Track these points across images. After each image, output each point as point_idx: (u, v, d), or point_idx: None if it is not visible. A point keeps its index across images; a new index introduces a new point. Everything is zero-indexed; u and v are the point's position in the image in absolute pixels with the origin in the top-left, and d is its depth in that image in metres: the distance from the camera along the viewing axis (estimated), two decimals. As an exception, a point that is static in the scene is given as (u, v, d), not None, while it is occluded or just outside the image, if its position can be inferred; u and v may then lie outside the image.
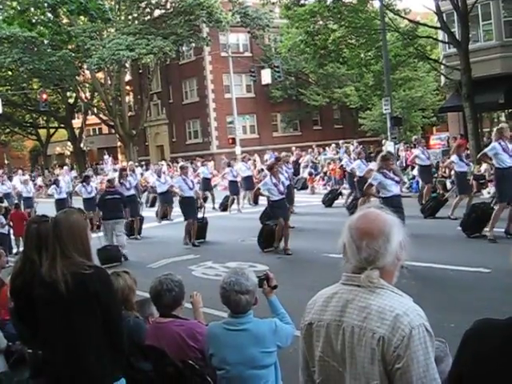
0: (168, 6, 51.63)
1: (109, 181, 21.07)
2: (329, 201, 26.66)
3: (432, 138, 43.66)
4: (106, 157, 51.58)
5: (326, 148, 41.55)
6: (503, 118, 37.69)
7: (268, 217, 17.61)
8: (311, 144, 44.85)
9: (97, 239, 15.42)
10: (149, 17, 52.70)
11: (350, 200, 24.23)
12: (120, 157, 65.89)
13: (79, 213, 4.55)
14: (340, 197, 27.05)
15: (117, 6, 51.50)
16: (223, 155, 45.72)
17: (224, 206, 28.09)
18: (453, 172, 21.41)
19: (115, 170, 38.84)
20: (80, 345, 4.18)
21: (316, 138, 53.10)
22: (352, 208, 21.84)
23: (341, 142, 41.05)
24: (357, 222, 2.94)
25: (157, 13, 52.75)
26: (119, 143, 63.59)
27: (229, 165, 30.16)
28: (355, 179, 22.99)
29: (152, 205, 29.89)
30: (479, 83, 30.00)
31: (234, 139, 48.87)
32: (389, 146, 29.83)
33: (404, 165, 30.99)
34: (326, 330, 2.93)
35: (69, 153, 72.31)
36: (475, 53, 31.07)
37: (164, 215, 25.98)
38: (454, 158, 19.63)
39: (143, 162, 51.36)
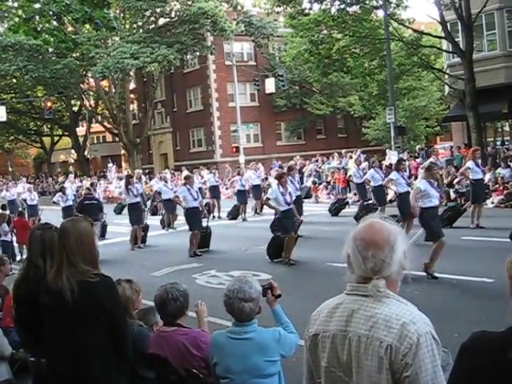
0: (173, 14, 51.74)
1: (87, 188, 23.69)
2: (335, 210, 26.47)
3: (436, 148, 43.66)
4: (109, 165, 51.74)
5: (330, 157, 41.51)
6: (507, 128, 37.71)
7: (278, 227, 17.32)
8: (315, 153, 44.84)
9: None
10: (153, 25, 52.81)
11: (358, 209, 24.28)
12: (124, 165, 66.01)
13: (86, 221, 4.57)
14: (347, 206, 26.91)
15: (122, 15, 51.66)
16: (227, 164, 45.76)
17: (233, 215, 27.79)
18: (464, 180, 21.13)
19: (119, 178, 38.87)
20: (85, 352, 4.19)
21: (320, 147, 53.12)
22: (360, 218, 21.74)
23: (343, 151, 41.08)
24: (362, 233, 2.95)
25: (161, 21, 52.87)
26: (123, 151, 63.68)
27: (239, 173, 29.90)
28: (370, 189, 22.85)
29: (153, 213, 29.61)
30: (483, 93, 30.04)
31: (237, 148, 48.91)
32: (392, 156, 29.82)
33: (408, 174, 30.96)
34: (332, 340, 2.93)
35: (73, 161, 72.50)
36: (479, 62, 31.13)
37: (169, 223, 25.75)
38: (469, 163, 18.97)
39: (147, 171, 51.38)
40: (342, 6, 33.66)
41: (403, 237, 2.95)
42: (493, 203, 24.12)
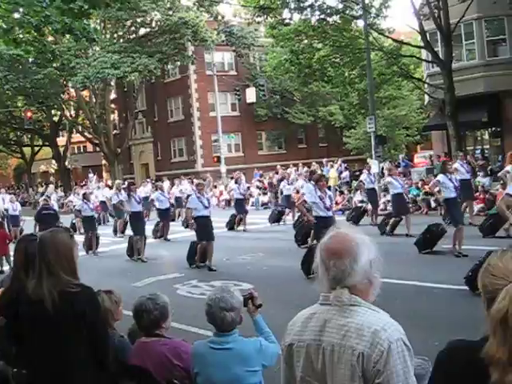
0: (153, 24, 51.73)
1: (45, 199, 24.86)
2: (353, 218, 25.47)
3: (416, 157, 43.93)
4: (90, 175, 51.52)
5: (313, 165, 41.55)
6: (486, 137, 37.95)
7: (316, 237, 15.06)
8: (296, 162, 44.94)
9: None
10: (134, 35, 52.81)
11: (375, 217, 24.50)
12: (105, 175, 65.77)
13: (65, 232, 4.56)
14: (366, 214, 26.22)
15: (102, 25, 51.57)
16: (208, 173, 45.72)
17: (231, 225, 27.00)
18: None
19: (99, 188, 38.64)
20: (66, 363, 4.18)
21: (301, 156, 53.19)
22: (383, 227, 21.76)
23: (325, 160, 41.19)
24: (327, 242, 2.99)
25: (142, 31, 52.87)
26: (104, 161, 63.49)
27: (236, 181, 28.83)
28: (388, 198, 22.83)
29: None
30: (462, 102, 30.26)
31: (218, 157, 48.89)
32: (373, 165, 29.93)
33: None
34: (307, 350, 2.96)
35: (53, 171, 72.14)
36: (458, 72, 31.35)
37: (162, 234, 25.09)
38: (509, 168, 18.09)
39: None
40: (322, 16, 33.77)
41: (370, 247, 2.95)
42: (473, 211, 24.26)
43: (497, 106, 33.29)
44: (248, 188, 33.06)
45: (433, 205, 27.02)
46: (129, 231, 23.62)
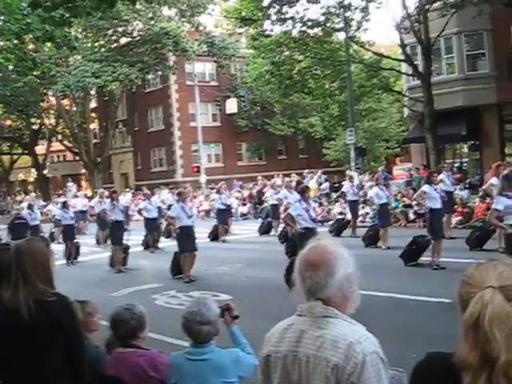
0: (135, 34, 51.64)
1: (17, 208, 26.21)
2: (335, 230, 25.51)
3: (395, 169, 44.08)
4: (69, 184, 51.26)
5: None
6: (465, 150, 38.19)
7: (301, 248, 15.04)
8: (276, 173, 44.99)
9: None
10: (115, 44, 52.65)
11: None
12: (84, 184, 65.50)
13: (42, 241, 4.55)
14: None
15: (83, 33, 51.43)
16: (188, 183, 45.62)
17: (214, 236, 26.77)
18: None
19: (76, 197, 38.46)
20: (41, 372, 4.15)
21: (281, 167, 53.22)
22: (368, 239, 21.75)
23: (306, 171, 41.24)
24: (305, 254, 3.00)
25: (123, 41, 52.72)
26: (83, 170, 63.15)
27: (218, 191, 28.39)
28: (375, 208, 22.82)
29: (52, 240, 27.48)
30: (442, 115, 30.44)
31: (198, 168, 48.88)
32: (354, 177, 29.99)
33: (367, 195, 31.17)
34: (283, 361, 2.96)
35: (32, 179, 71.71)
36: (438, 85, 31.55)
37: (153, 243, 24.74)
38: (493, 180, 18.03)
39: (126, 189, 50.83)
40: (304, 29, 33.88)
41: (348, 261, 2.96)
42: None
43: (476, 119, 33.53)
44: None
45: (411, 217, 27.12)
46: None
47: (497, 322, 2.17)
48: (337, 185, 40.00)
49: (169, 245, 23.76)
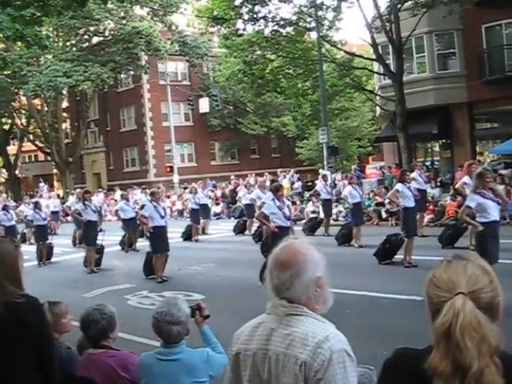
0: (107, 33, 51.44)
1: None
2: (309, 229, 25.59)
3: (368, 168, 44.31)
4: (41, 184, 50.93)
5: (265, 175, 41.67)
6: (437, 149, 38.47)
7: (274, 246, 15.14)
8: (249, 173, 45.02)
9: None
10: (87, 44, 52.41)
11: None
12: (56, 184, 65.09)
13: (10, 242, 4.51)
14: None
15: (55, 33, 51.11)
16: (160, 183, 45.52)
17: (187, 236, 26.70)
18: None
19: (50, 198, 38.20)
20: (12, 375, 4.12)
21: (254, 166, 53.28)
22: (341, 238, 21.80)
23: (279, 170, 41.29)
24: (277, 253, 3.00)
25: (95, 40, 52.51)
26: (55, 170, 62.79)
27: (191, 191, 28.51)
28: (348, 207, 22.77)
29: (23, 241, 27.88)
30: (413, 114, 30.63)
31: (171, 167, 48.77)
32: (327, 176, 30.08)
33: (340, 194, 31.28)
34: (253, 358, 2.97)
35: (3, 180, 71.09)
36: (409, 84, 31.73)
37: (130, 244, 24.47)
38: (466, 179, 18.16)
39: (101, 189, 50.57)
40: (276, 28, 33.92)
41: (317, 264, 2.95)
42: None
43: (446, 118, 33.79)
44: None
45: (384, 215, 27.27)
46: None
47: (468, 331, 2.18)
48: (310, 184, 40.13)
49: (141, 245, 23.69)
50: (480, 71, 32.13)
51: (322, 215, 26.62)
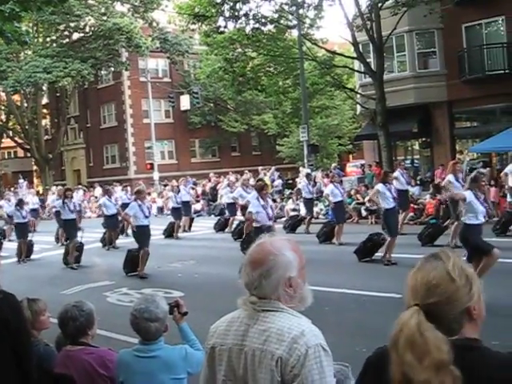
0: (87, 29, 51.24)
1: None
2: (289, 227, 25.66)
3: (348, 166, 44.40)
4: (21, 181, 50.58)
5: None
6: (417, 147, 38.64)
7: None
8: (229, 170, 45.00)
9: None
10: (67, 40, 52.17)
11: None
12: (35, 181, 64.74)
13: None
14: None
15: (35, 28, 50.85)
16: (141, 180, 45.39)
17: (168, 233, 26.67)
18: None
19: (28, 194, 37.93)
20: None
21: (234, 164, 53.33)
22: (322, 236, 21.79)
23: (260, 168, 41.29)
24: (251, 250, 3.03)
25: (75, 36, 52.27)
26: (35, 167, 62.52)
27: (173, 190, 28.60)
28: (330, 206, 22.80)
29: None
30: (393, 112, 30.76)
31: (152, 164, 48.68)
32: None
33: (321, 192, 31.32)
34: (229, 354, 2.98)
35: (-18, 176, 70.70)
36: (390, 83, 31.84)
37: (110, 241, 24.28)
38: (450, 177, 18.31)
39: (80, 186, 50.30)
40: (257, 26, 33.93)
41: (289, 265, 2.95)
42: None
43: (426, 117, 33.95)
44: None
45: (363, 213, 27.36)
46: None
47: (410, 345, 2.24)
48: (290, 181, 40.18)
49: (121, 242, 23.63)
50: (460, 70, 32.29)
51: (302, 213, 26.67)
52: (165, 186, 41.46)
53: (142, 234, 17.18)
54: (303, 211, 26.62)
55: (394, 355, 2.28)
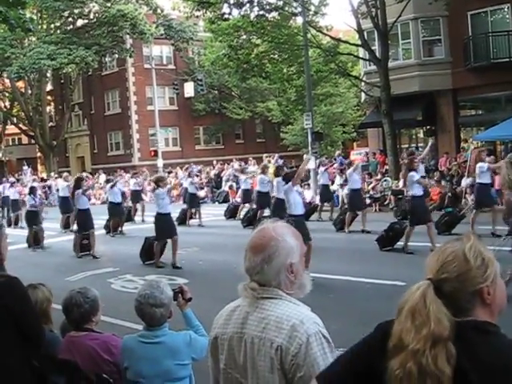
0: (91, 16, 51.17)
1: None
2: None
3: (352, 153, 44.31)
4: (25, 167, 50.58)
5: (249, 161, 41.62)
6: (421, 135, 38.55)
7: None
8: (233, 157, 44.98)
9: None
10: (71, 26, 52.13)
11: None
12: (40, 168, 64.77)
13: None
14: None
15: (39, 15, 50.79)
16: (145, 167, 45.39)
17: (181, 220, 26.10)
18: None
19: (34, 181, 37.96)
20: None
21: (238, 151, 53.34)
22: (339, 223, 21.93)
23: (265, 155, 41.25)
24: (253, 235, 3.03)
25: (80, 23, 52.22)
26: (39, 154, 62.56)
27: (189, 175, 27.83)
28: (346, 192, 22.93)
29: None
30: (398, 100, 30.67)
31: (156, 151, 48.61)
32: (311, 161, 30.07)
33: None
34: (229, 342, 2.99)
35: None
36: (394, 71, 31.74)
37: (115, 228, 24.25)
38: (482, 164, 18.33)
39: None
40: (261, 12, 33.83)
41: (291, 251, 2.94)
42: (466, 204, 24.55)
43: (431, 105, 33.88)
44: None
45: (367, 201, 27.29)
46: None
47: (412, 313, 2.31)
48: (294, 169, 40.11)
49: (128, 228, 23.68)
50: (465, 58, 32.17)
51: (317, 201, 26.84)
52: (169, 173, 41.47)
53: (165, 221, 16.75)
54: (318, 198, 26.74)
55: (397, 321, 2.35)
